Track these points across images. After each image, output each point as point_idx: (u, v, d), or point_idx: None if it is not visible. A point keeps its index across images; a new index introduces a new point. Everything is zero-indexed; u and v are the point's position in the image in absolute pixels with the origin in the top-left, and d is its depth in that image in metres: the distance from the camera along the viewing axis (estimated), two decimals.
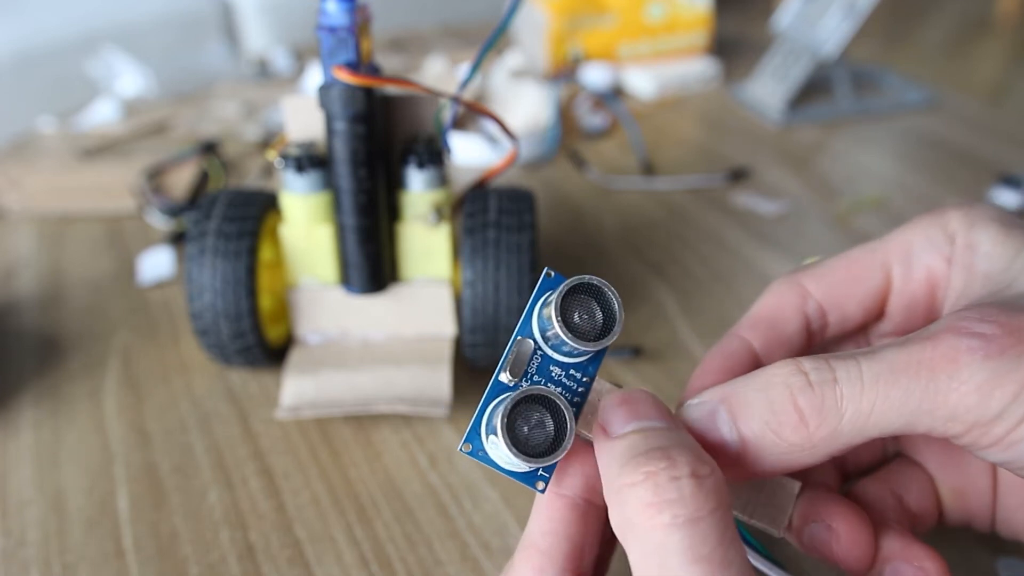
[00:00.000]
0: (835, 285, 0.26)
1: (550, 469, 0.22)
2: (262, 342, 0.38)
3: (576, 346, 0.21)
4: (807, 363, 0.21)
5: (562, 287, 0.21)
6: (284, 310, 0.41)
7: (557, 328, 0.21)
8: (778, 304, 0.26)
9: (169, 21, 1.46)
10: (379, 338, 0.40)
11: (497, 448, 0.21)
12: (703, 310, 0.45)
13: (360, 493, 0.34)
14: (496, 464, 0.21)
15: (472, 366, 0.40)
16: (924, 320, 0.26)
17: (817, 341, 0.27)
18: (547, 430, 0.21)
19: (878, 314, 0.27)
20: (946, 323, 0.20)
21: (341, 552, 0.32)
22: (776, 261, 0.49)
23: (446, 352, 0.39)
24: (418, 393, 0.36)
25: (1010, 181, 0.52)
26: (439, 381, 0.37)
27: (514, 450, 0.20)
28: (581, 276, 0.21)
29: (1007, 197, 0.52)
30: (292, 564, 0.31)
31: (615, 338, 0.21)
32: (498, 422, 0.20)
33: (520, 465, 0.21)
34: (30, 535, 0.33)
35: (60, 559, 0.32)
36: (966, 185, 0.57)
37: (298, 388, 0.37)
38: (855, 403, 0.20)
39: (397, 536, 0.32)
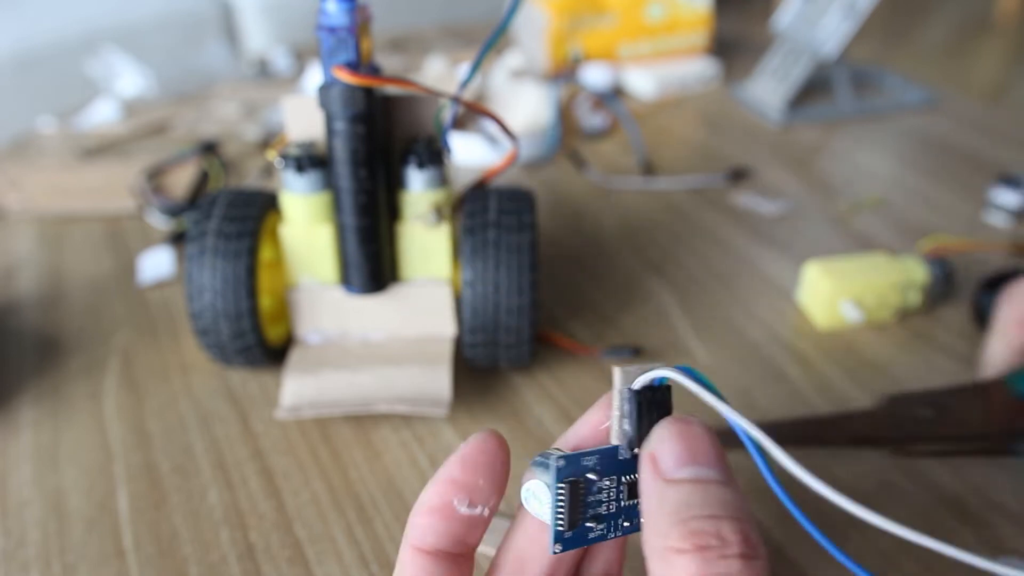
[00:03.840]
0: None
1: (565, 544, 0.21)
2: (262, 342, 0.38)
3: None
4: None
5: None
6: (284, 310, 0.41)
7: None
8: None
9: (169, 21, 1.46)
10: (379, 338, 0.40)
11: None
12: (703, 310, 0.45)
13: (360, 493, 0.34)
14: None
15: (472, 366, 0.40)
16: None
17: None
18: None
19: None
20: None
21: (341, 552, 0.32)
22: (776, 261, 0.49)
23: (446, 352, 0.39)
24: (418, 393, 0.36)
25: (1010, 181, 0.52)
26: (439, 381, 0.37)
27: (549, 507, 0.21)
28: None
29: (1007, 197, 0.52)
30: (292, 564, 0.31)
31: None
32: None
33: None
34: (30, 535, 0.33)
35: (60, 559, 0.32)
36: (966, 185, 0.57)
37: (298, 388, 0.37)
38: None
39: (397, 536, 0.32)
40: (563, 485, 0.21)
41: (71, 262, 0.51)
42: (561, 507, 0.21)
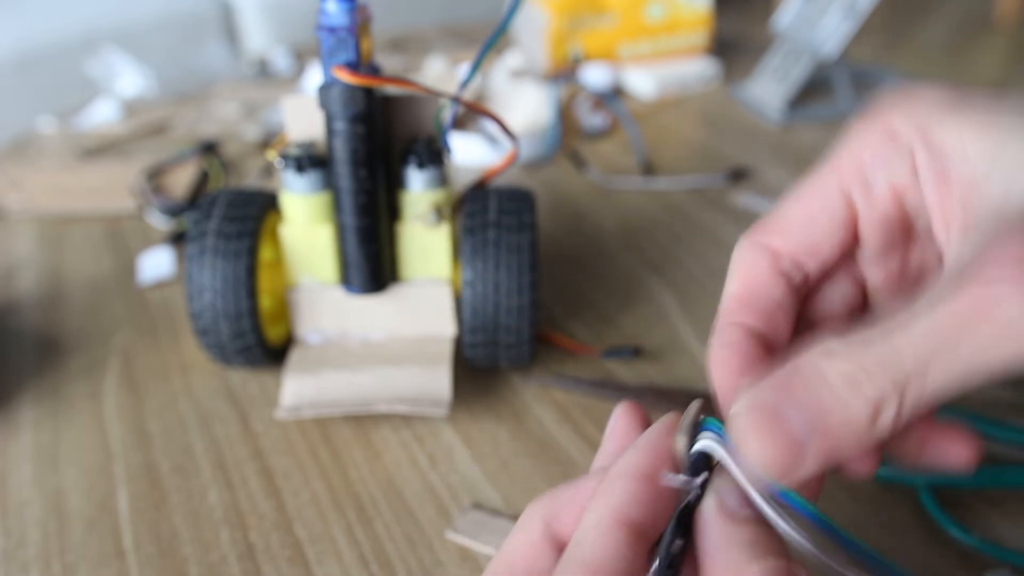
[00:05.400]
0: (799, 232, 0.25)
1: None
2: (262, 342, 0.38)
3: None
4: (840, 349, 0.19)
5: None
6: (284, 310, 0.41)
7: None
8: (752, 276, 0.25)
9: (169, 21, 1.46)
10: (379, 338, 0.40)
11: None
12: (703, 310, 0.45)
13: (360, 493, 0.34)
14: None
15: (472, 366, 0.40)
16: (901, 235, 0.24)
17: (804, 292, 0.25)
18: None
19: (854, 243, 0.25)
20: (966, 271, 0.19)
21: (341, 552, 0.32)
22: None
23: (446, 352, 0.39)
24: (418, 393, 0.36)
25: None
26: (439, 381, 0.37)
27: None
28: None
29: None
30: (292, 564, 0.31)
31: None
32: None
33: None
34: (30, 535, 0.33)
35: (60, 559, 0.32)
36: None
37: (298, 388, 0.37)
38: (908, 383, 0.18)
39: (397, 536, 0.32)
40: (670, 571, 0.20)
41: (71, 262, 0.51)
42: None
